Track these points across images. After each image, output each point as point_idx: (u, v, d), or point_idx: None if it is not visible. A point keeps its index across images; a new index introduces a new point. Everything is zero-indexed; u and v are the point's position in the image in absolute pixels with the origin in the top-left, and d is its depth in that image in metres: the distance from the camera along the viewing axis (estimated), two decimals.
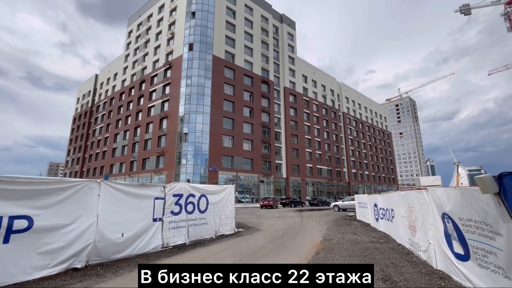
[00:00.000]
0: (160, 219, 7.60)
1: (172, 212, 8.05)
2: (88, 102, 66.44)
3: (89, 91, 67.44)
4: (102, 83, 63.77)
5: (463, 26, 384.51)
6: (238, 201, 40.08)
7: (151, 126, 44.14)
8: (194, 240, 8.64)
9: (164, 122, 41.80)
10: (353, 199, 23.18)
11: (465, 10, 64.21)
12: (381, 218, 11.39)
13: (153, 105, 44.80)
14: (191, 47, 40.88)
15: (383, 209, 10.97)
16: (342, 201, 24.33)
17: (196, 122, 37.94)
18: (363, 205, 15.44)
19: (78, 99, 72.98)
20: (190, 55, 40.57)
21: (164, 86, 43.73)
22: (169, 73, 43.54)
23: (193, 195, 8.97)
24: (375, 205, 12.42)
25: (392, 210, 9.52)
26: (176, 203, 8.27)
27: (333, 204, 25.21)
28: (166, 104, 42.49)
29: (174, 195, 8.20)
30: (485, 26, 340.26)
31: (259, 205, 31.10)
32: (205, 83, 39.81)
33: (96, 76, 67.21)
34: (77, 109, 71.88)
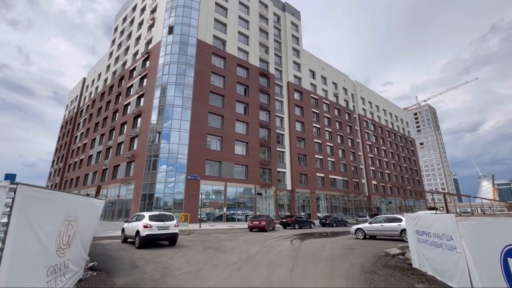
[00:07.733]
0: None
1: None
2: (74, 107, 60.79)
3: (76, 96, 61.99)
4: (87, 86, 58.16)
5: (485, 34, 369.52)
6: (228, 219, 31.27)
7: (125, 127, 36.76)
8: None
9: (139, 120, 34.31)
10: (395, 220, 13.89)
11: None
12: None
13: (129, 102, 37.67)
14: (170, 30, 33.92)
15: None
16: (370, 223, 15.07)
17: (172, 118, 30.04)
18: (434, 238, 6.43)
19: (67, 105, 67.80)
20: (169, 40, 33.50)
21: (141, 79, 36.69)
22: (147, 64, 36.60)
23: None
24: None
25: None
26: None
27: (355, 227, 15.92)
28: (142, 100, 35.19)
29: None
30: (509, 33, 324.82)
31: (247, 227, 22.23)
32: (186, 71, 32.29)
33: (84, 79, 61.92)
34: (64, 116, 66.43)
